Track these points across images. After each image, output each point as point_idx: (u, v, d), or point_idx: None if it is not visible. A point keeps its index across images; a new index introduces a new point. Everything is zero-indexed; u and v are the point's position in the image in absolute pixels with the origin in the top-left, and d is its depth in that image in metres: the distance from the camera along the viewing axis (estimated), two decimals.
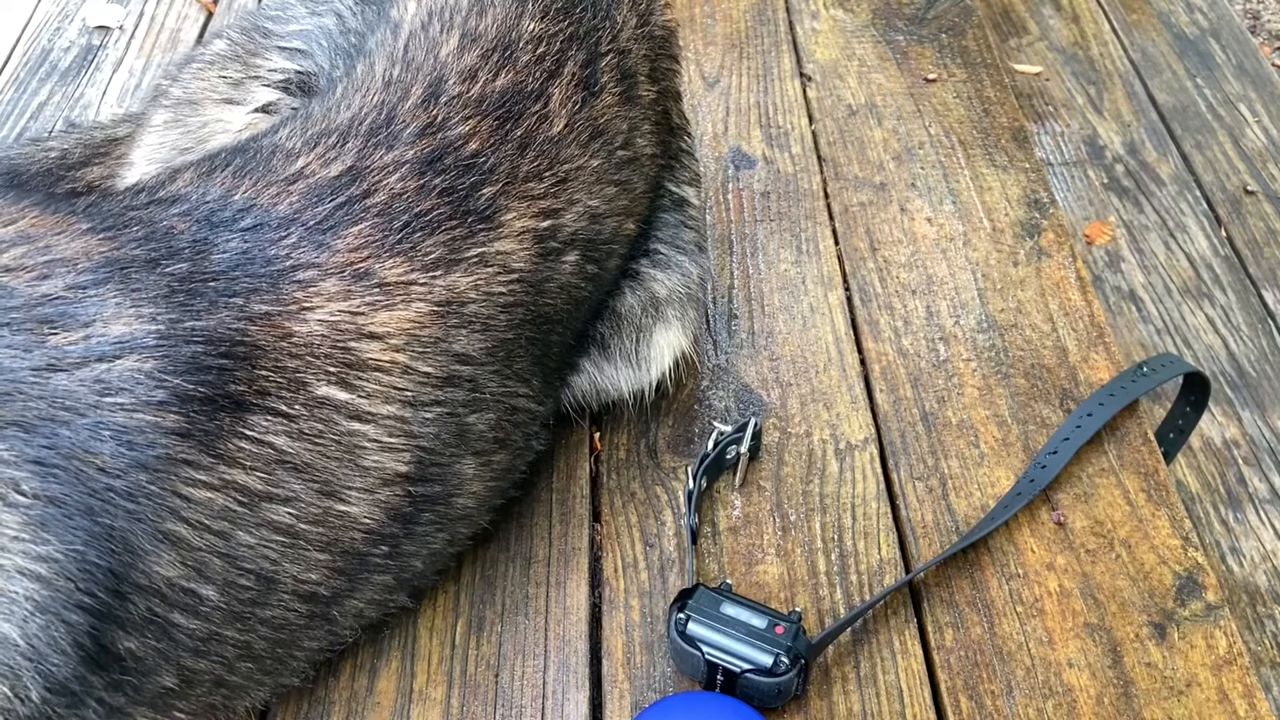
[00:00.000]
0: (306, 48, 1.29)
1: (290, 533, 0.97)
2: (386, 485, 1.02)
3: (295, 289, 0.99)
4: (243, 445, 0.94)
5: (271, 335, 0.96)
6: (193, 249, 0.99)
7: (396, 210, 1.05)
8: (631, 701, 1.13)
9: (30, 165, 1.57)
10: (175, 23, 2.06)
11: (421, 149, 1.09)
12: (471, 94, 1.12)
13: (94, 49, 2.01)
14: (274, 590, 0.99)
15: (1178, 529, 1.27)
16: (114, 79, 1.94)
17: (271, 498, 0.95)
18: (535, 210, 1.12)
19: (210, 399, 0.92)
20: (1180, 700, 1.13)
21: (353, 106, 1.12)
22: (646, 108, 1.28)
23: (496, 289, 1.09)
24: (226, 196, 1.04)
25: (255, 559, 0.96)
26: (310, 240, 1.02)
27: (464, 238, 1.07)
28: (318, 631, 1.07)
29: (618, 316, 1.30)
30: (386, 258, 1.04)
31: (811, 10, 2.02)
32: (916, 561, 1.24)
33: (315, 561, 1.00)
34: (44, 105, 1.89)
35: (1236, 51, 2.34)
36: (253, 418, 0.94)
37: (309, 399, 0.97)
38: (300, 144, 1.09)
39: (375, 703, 1.15)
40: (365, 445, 1.00)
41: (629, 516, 1.29)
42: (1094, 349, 1.45)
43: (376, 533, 1.03)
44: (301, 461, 0.97)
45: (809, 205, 1.65)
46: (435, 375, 1.04)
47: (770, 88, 1.86)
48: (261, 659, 1.03)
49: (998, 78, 1.88)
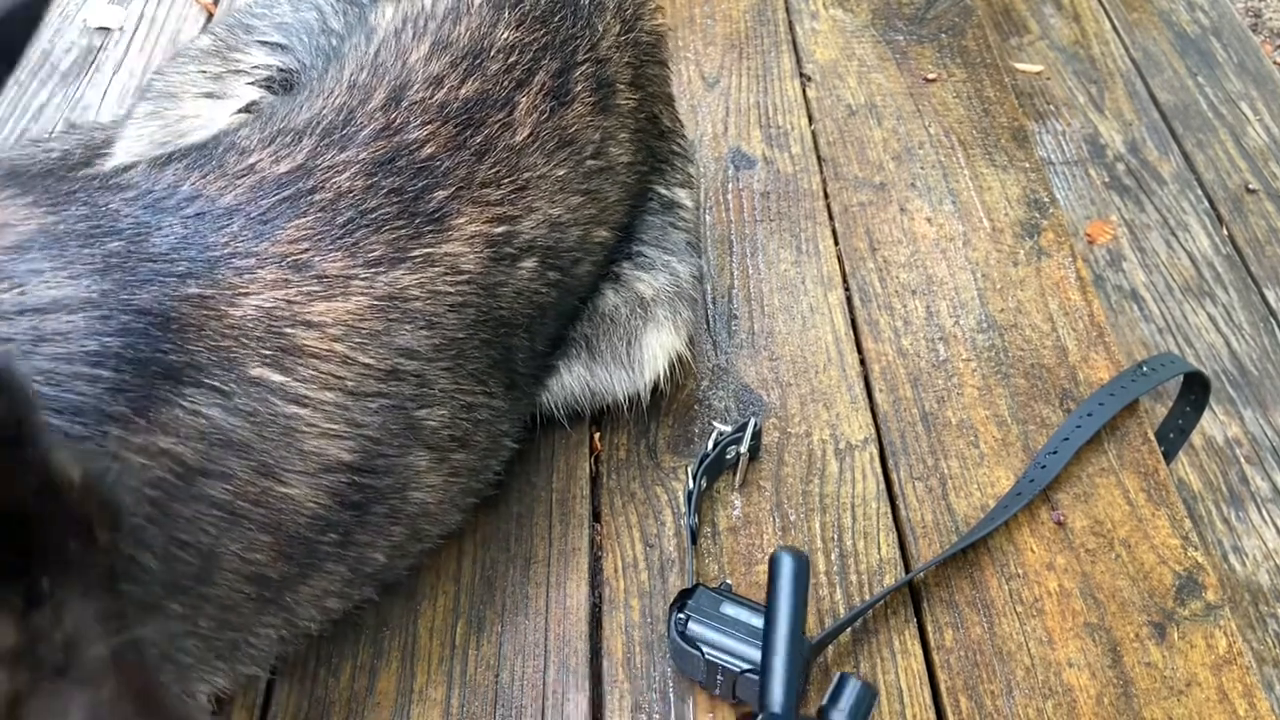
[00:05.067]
0: (287, 42, 1.30)
1: (229, 509, 0.97)
2: (329, 471, 1.03)
3: (231, 274, 1.00)
4: (177, 415, 0.94)
5: (205, 315, 0.97)
6: (133, 230, 1.00)
7: (341, 207, 1.07)
8: (631, 702, 1.14)
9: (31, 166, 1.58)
10: (175, 24, 2.06)
11: (375, 150, 1.10)
12: (434, 100, 1.13)
13: (94, 50, 2.01)
14: (215, 567, 0.99)
15: (1178, 529, 1.27)
16: (114, 80, 1.95)
17: (207, 472, 0.96)
18: (489, 216, 1.13)
19: (142, 361, 0.93)
20: (1180, 700, 1.13)
21: (313, 108, 1.14)
22: (625, 115, 1.29)
23: (444, 288, 1.10)
24: (174, 186, 1.05)
25: (193, 532, 0.96)
26: (250, 230, 1.03)
27: (410, 237, 1.09)
28: (273, 619, 1.07)
29: (604, 319, 1.31)
30: (328, 251, 1.05)
31: (811, 10, 2.02)
32: (916, 561, 1.24)
33: (258, 542, 1.00)
34: (44, 106, 1.89)
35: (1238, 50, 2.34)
36: (186, 389, 0.95)
37: (242, 377, 0.98)
38: (255, 142, 1.11)
39: (375, 703, 1.15)
40: (304, 430, 1.01)
41: (629, 517, 1.29)
42: (1094, 349, 1.45)
43: (323, 519, 1.04)
44: (238, 439, 0.97)
45: (809, 205, 1.65)
46: (377, 367, 1.06)
47: (770, 88, 1.86)
48: (210, 640, 1.03)
49: (998, 77, 1.87)
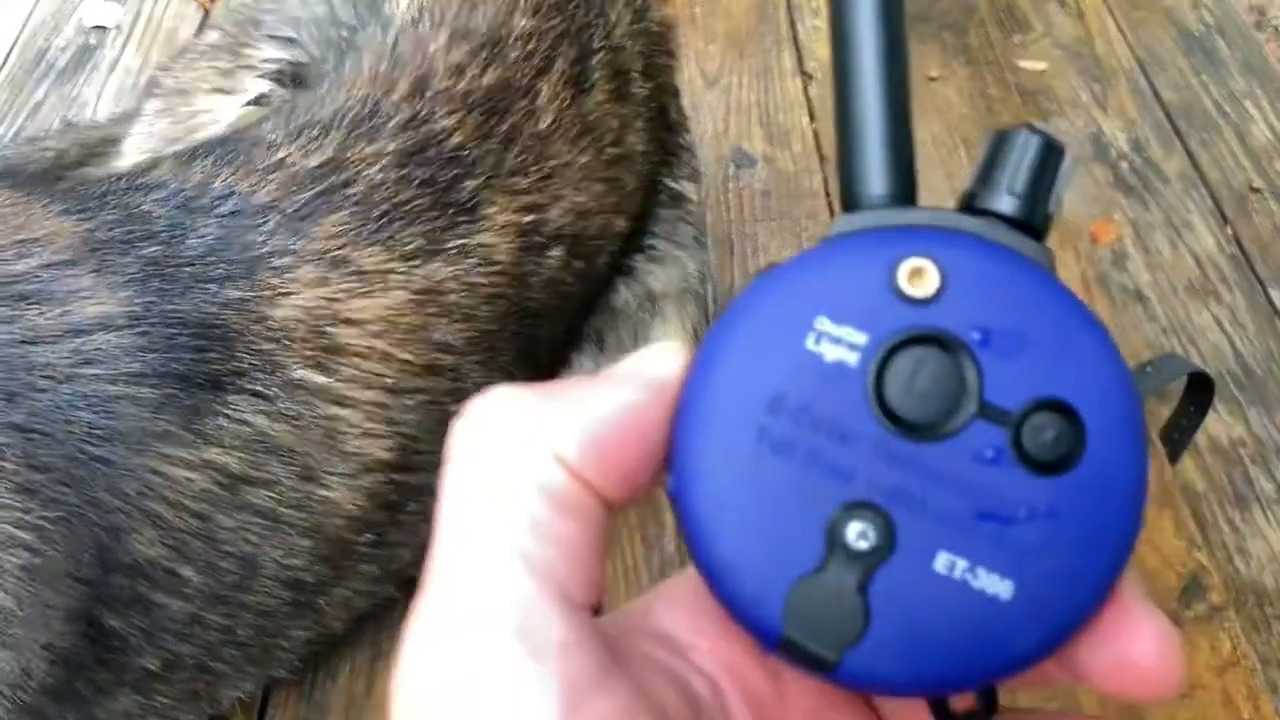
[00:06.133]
0: (296, 36, 1.29)
1: (271, 516, 0.97)
2: (369, 471, 1.02)
3: (271, 275, 0.99)
4: (221, 424, 0.94)
5: (246, 319, 0.97)
6: (168, 233, 0.99)
7: (376, 200, 1.05)
8: None
9: (27, 165, 1.57)
10: (173, 22, 2.05)
11: (404, 141, 1.08)
12: (458, 89, 1.12)
13: (91, 49, 2.00)
14: (257, 575, 0.98)
15: (1182, 531, 1.26)
16: (111, 78, 1.94)
17: (251, 480, 0.95)
18: (519, 205, 1.12)
19: (186, 376, 0.93)
20: (1183, 703, 1.12)
21: (337, 100, 1.12)
22: (639, 105, 1.28)
23: (478, 280, 1.09)
24: (205, 184, 1.04)
25: (236, 542, 0.96)
26: (287, 227, 1.02)
27: (444, 229, 1.07)
28: (304, 621, 1.06)
29: (614, 312, 1.30)
30: (365, 245, 1.03)
31: (813, 8, 2.01)
32: None
33: (298, 547, 1.00)
34: (41, 105, 1.88)
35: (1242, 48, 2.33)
36: (230, 397, 0.95)
37: (286, 381, 0.97)
38: (282, 136, 1.09)
39: (373, 705, 1.14)
40: (345, 430, 1.00)
41: (629, 518, 1.28)
42: None
43: (361, 519, 1.03)
44: (282, 444, 0.97)
45: (810, 204, 1.64)
46: (415, 363, 1.04)
47: (771, 86, 1.85)
48: (246, 646, 1.02)
49: (1000, 75, 1.86)
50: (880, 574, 0.33)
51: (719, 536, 0.34)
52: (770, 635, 0.34)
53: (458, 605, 0.34)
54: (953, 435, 0.34)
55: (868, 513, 0.33)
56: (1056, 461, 0.34)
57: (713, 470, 0.34)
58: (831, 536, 0.33)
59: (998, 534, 0.33)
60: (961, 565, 0.33)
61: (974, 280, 0.34)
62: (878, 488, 0.34)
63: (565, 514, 0.34)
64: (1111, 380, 0.35)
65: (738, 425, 0.34)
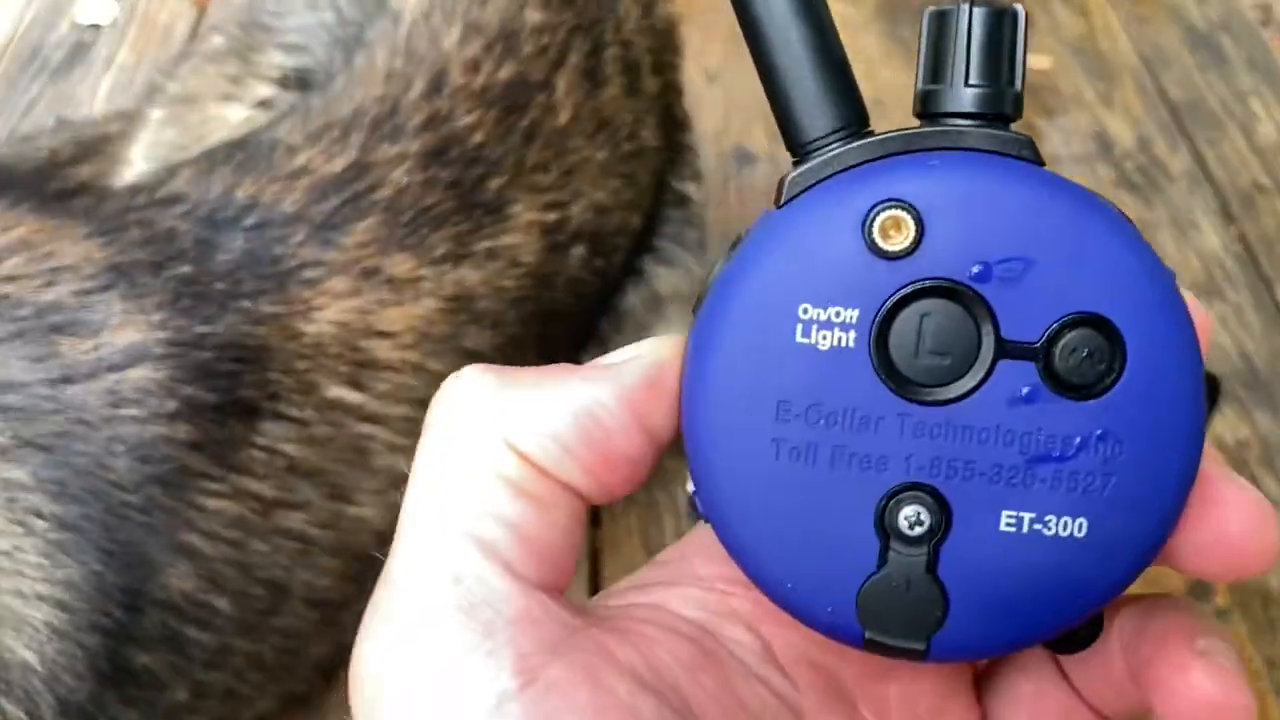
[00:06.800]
0: (305, 43, 1.27)
1: (302, 538, 0.96)
2: (395, 487, 1.00)
3: (303, 288, 0.97)
4: (255, 453, 0.93)
5: (280, 337, 0.95)
6: (196, 250, 0.97)
7: (403, 205, 1.03)
8: None
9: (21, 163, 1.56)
10: (167, 19, 2.04)
11: (426, 142, 1.06)
12: (475, 85, 1.10)
13: (85, 46, 1.99)
14: (286, 599, 0.97)
15: None
16: (105, 76, 1.92)
17: (284, 504, 0.94)
18: (542, 203, 1.10)
19: (221, 406, 0.91)
20: None
21: (354, 99, 1.10)
22: (650, 100, 1.27)
23: (506, 283, 1.07)
24: (228, 194, 1.02)
25: (269, 567, 0.95)
26: (317, 238, 0.99)
27: (472, 231, 1.05)
28: (326, 639, 1.05)
29: (620, 314, 1.28)
30: (394, 253, 1.01)
31: None
32: None
33: (326, 567, 0.99)
34: (35, 103, 1.87)
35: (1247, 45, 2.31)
36: (264, 424, 0.93)
37: (320, 401, 0.96)
38: (301, 139, 1.07)
39: None
40: (375, 447, 0.98)
41: (629, 521, 1.27)
42: None
43: (385, 534, 1.01)
44: (313, 466, 0.95)
45: None
46: (445, 374, 1.02)
47: None
48: (271, 669, 1.01)
49: None
50: (946, 551, 0.31)
51: (770, 564, 0.32)
52: (854, 641, 0.32)
53: (408, 586, 0.34)
54: (979, 386, 0.31)
55: (914, 494, 0.31)
56: (1097, 379, 0.31)
57: (740, 498, 0.32)
58: (884, 529, 0.31)
59: (1055, 474, 0.31)
60: (1028, 518, 0.31)
61: (955, 209, 0.31)
62: (917, 465, 0.31)
63: (520, 498, 0.34)
64: (1135, 271, 0.32)
65: (749, 445, 0.32)
